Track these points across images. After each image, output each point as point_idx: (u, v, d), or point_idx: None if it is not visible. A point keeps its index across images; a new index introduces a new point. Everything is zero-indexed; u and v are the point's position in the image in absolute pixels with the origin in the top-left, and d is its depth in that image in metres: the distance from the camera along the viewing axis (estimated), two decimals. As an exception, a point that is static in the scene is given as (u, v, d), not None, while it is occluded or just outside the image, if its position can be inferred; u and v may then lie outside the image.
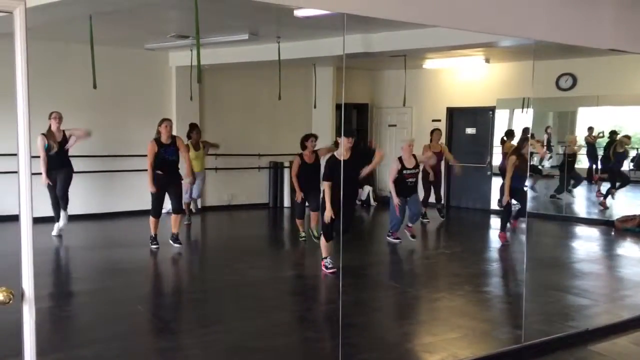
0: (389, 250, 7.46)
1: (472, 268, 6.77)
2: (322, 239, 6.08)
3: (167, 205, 7.25)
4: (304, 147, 7.39)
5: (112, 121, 9.25)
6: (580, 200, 10.85)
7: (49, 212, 7.30)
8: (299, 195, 7.36)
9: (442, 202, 9.69)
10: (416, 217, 7.75)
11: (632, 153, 10.15)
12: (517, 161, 7.38)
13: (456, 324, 4.97)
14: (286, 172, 11.05)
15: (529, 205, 9.40)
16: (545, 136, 10.69)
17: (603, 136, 10.14)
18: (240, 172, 10.66)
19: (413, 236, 7.72)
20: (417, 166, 7.49)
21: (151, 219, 7.09)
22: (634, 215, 8.92)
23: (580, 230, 8.99)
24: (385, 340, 4.59)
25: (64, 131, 7.28)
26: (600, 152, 10.28)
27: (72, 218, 7.70)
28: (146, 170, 6.98)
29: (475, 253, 7.59)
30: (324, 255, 6.11)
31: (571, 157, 10.20)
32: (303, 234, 7.68)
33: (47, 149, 7.06)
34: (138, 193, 9.39)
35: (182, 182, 7.25)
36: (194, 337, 4.41)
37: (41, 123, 7.12)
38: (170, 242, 7.08)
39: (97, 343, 4.19)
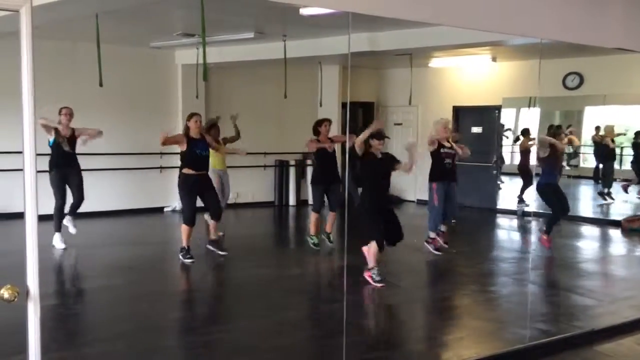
0: (394, 249, 7.43)
1: (478, 268, 6.76)
2: (372, 245, 5.45)
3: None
4: (317, 132, 6.91)
5: (118, 119, 9.26)
6: (586, 199, 10.79)
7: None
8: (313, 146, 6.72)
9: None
10: (453, 214, 6.86)
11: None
12: (551, 151, 6.89)
13: (462, 324, 4.96)
14: (292, 170, 11.07)
15: (535, 204, 9.35)
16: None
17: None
18: (246, 170, 10.65)
19: (446, 242, 6.82)
20: (453, 148, 6.84)
21: (183, 227, 6.34)
22: (641, 215, 8.87)
23: (586, 230, 8.95)
24: (389, 340, 4.59)
25: (73, 129, 7.01)
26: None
27: (76, 216, 7.70)
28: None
29: (481, 252, 7.57)
30: (370, 265, 5.51)
31: (610, 154, 9.85)
32: (315, 239, 6.98)
33: (53, 144, 6.80)
34: (144, 191, 9.44)
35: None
36: (199, 336, 4.41)
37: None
38: (211, 248, 6.65)
39: (102, 341, 4.20)
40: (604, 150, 9.86)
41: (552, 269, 6.96)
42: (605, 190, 9.96)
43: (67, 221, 6.94)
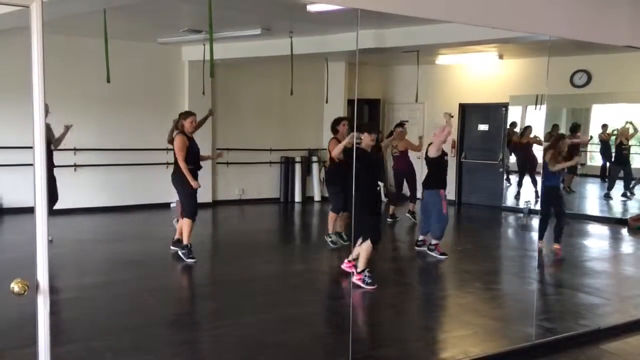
0: (399, 246, 7.45)
1: (483, 265, 6.74)
2: (366, 244, 5.31)
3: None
4: (335, 131, 6.79)
5: (125, 115, 9.30)
6: (593, 198, 10.75)
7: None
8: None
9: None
10: (440, 225, 6.57)
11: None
12: (551, 155, 6.69)
13: (467, 321, 4.96)
14: (297, 167, 11.07)
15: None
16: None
17: (617, 134, 10.02)
18: (252, 166, 10.67)
19: (443, 253, 6.62)
20: (438, 155, 6.54)
21: (186, 221, 6.27)
22: (648, 214, 8.83)
23: (592, 228, 8.91)
24: (396, 337, 4.59)
25: (48, 125, 6.28)
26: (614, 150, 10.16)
27: (83, 211, 7.71)
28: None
29: (486, 250, 7.55)
30: (361, 267, 5.38)
31: (625, 150, 9.71)
32: (332, 238, 6.97)
33: None
34: (150, 187, 9.47)
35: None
36: (206, 331, 4.43)
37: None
38: (178, 251, 6.43)
39: (109, 335, 4.23)
40: (619, 151, 9.76)
41: (558, 267, 6.94)
42: (627, 192, 9.90)
43: None
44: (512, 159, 10.90)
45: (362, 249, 5.36)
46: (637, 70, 8.59)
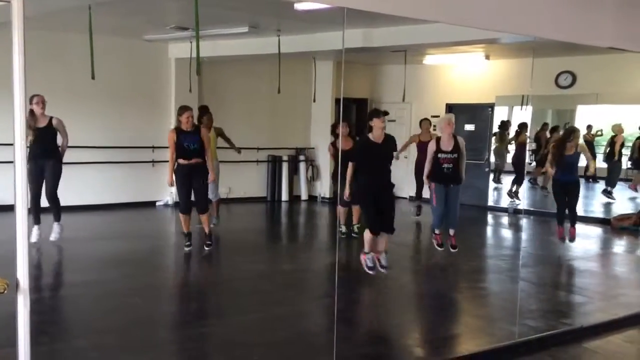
0: (394, 243, 7.45)
1: (469, 264, 6.78)
2: (367, 231, 5.46)
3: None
4: (336, 135, 7.07)
5: (110, 112, 9.22)
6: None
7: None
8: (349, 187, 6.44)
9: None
10: (454, 216, 6.71)
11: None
12: (555, 151, 6.87)
13: (451, 320, 4.99)
14: (284, 166, 11.06)
15: (527, 201, 9.40)
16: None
17: (601, 134, 10.14)
18: (239, 165, 10.62)
19: (454, 247, 6.67)
20: (456, 149, 6.46)
21: (180, 215, 6.53)
22: (631, 214, 8.93)
23: (577, 227, 8.99)
24: (380, 336, 4.60)
25: (51, 118, 6.42)
26: (599, 150, 10.26)
27: (68, 209, 7.63)
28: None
29: (472, 249, 7.60)
30: (366, 249, 5.53)
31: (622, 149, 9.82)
32: (343, 229, 7.16)
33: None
34: (137, 185, 9.41)
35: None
36: (193, 330, 4.41)
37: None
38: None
39: (93, 334, 4.19)
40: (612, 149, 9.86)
41: (542, 266, 7.00)
42: (609, 189, 10.01)
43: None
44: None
45: (365, 235, 5.50)
46: (621, 71, 8.69)
